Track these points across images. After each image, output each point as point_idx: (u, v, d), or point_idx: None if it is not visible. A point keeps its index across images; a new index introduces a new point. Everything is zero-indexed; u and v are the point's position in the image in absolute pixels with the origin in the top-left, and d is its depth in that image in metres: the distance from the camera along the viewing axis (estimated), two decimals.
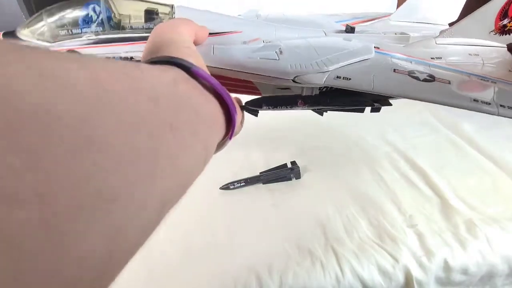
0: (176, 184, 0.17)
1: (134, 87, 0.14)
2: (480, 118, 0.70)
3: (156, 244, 0.44)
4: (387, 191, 0.51)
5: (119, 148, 0.11)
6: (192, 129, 0.17)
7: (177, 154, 0.16)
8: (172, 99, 0.16)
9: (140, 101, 0.14)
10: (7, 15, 0.78)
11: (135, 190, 0.12)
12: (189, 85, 0.19)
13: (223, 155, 0.71)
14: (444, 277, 0.40)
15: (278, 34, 0.39)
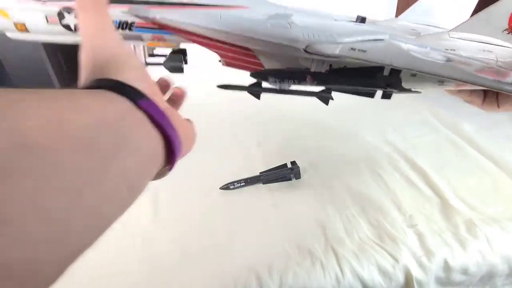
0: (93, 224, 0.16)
1: (66, 135, 0.13)
2: (480, 118, 0.70)
3: (156, 244, 0.44)
4: (387, 191, 0.51)
5: None
6: (122, 174, 0.17)
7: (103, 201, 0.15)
8: (111, 138, 0.16)
9: (71, 150, 0.13)
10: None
11: None
12: (136, 119, 0.19)
13: (223, 155, 0.72)
14: (444, 277, 0.40)
15: None
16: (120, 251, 0.43)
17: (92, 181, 0.15)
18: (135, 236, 0.45)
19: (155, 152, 0.20)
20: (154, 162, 0.20)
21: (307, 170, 0.57)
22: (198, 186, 0.54)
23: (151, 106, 0.20)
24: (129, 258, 0.42)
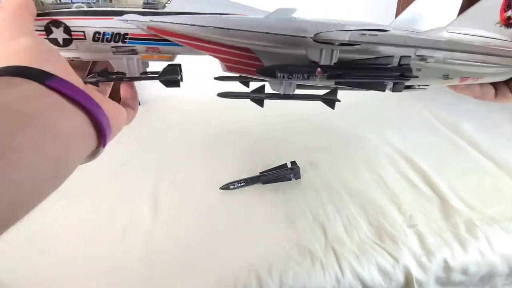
0: (8, 200, 0.16)
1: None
2: (480, 118, 0.70)
3: (156, 244, 0.44)
4: (387, 191, 0.51)
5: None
6: (34, 147, 0.17)
7: (14, 172, 0.16)
8: (10, 120, 0.16)
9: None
10: None
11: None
12: (45, 101, 0.19)
13: (223, 155, 0.71)
14: (444, 277, 0.40)
15: None
16: (120, 251, 0.43)
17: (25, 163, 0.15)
18: (135, 235, 0.45)
19: (79, 129, 0.20)
20: (80, 140, 0.20)
21: (307, 170, 0.57)
22: (198, 186, 0.54)
23: (62, 84, 0.20)
24: (129, 258, 0.42)
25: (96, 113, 0.21)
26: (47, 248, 0.44)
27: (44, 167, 0.17)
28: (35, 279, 0.40)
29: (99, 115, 0.21)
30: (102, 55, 0.30)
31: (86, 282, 0.39)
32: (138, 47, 0.31)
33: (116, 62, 0.31)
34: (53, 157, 0.18)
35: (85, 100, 0.20)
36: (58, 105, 0.19)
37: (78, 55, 0.29)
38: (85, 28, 0.28)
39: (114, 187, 0.56)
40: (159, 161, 0.62)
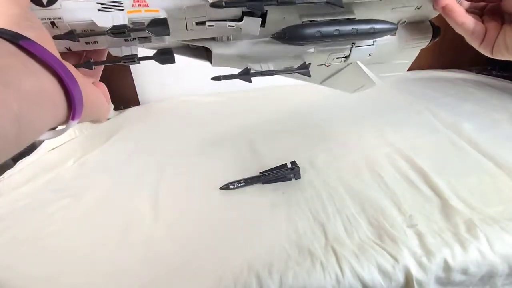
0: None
1: None
2: (480, 118, 0.70)
3: (156, 244, 0.44)
4: (387, 191, 0.51)
5: None
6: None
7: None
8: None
9: None
10: None
11: None
12: (12, 59, 0.18)
13: (223, 155, 0.71)
14: (444, 277, 0.40)
15: None
16: (120, 251, 0.43)
17: None
18: (135, 235, 0.45)
19: (47, 92, 0.20)
20: (47, 102, 0.20)
21: (307, 170, 0.57)
22: (198, 186, 0.54)
23: (35, 47, 0.19)
24: (129, 258, 0.42)
25: (68, 80, 0.20)
26: (46, 248, 0.44)
27: (5, 124, 0.16)
28: (35, 279, 0.40)
29: (71, 84, 0.20)
30: (86, 14, 0.29)
31: (86, 282, 0.39)
32: (124, 1, 0.30)
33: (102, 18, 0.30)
34: (15, 114, 0.17)
35: (57, 66, 0.20)
36: (27, 64, 0.19)
37: (61, 15, 0.28)
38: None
39: (114, 187, 0.56)
40: (159, 161, 0.62)
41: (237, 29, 0.36)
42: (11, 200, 0.53)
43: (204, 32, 0.36)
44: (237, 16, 0.35)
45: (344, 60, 0.44)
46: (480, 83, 0.91)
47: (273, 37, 0.37)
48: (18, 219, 0.49)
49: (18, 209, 0.51)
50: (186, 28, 0.34)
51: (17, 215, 0.50)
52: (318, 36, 0.36)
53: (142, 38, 0.33)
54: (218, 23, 0.34)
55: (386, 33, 0.40)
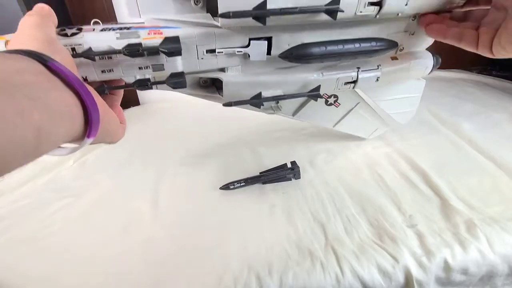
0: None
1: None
2: (480, 118, 0.70)
3: (156, 244, 0.44)
4: (387, 191, 0.51)
5: None
6: (19, 111, 0.17)
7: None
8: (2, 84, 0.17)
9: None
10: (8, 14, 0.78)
11: None
12: (40, 78, 0.20)
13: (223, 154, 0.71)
14: (444, 277, 0.40)
15: None
16: (120, 251, 0.43)
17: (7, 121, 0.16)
18: (135, 236, 0.45)
19: (68, 107, 0.21)
20: (66, 117, 0.21)
21: (307, 170, 0.57)
22: (198, 186, 0.54)
23: (62, 69, 0.21)
24: (129, 258, 0.42)
25: (87, 99, 0.22)
26: (46, 248, 0.44)
27: (25, 134, 0.17)
28: (35, 279, 0.40)
29: (90, 103, 0.22)
30: (105, 42, 0.31)
31: (85, 282, 0.39)
32: (140, 32, 0.32)
33: None
34: (37, 125, 0.18)
35: (78, 86, 0.21)
36: (52, 82, 0.21)
37: (81, 42, 0.30)
38: None
39: (114, 187, 0.56)
40: (159, 161, 0.62)
41: (245, 56, 0.37)
42: (11, 200, 0.53)
43: (214, 61, 0.37)
44: (244, 43, 0.37)
45: (353, 86, 0.44)
46: (480, 83, 0.91)
47: (281, 56, 0.38)
48: (18, 219, 0.49)
49: (18, 209, 0.51)
50: (197, 56, 0.36)
51: (17, 215, 0.50)
52: (323, 52, 0.38)
53: (156, 65, 0.34)
54: (227, 49, 0.36)
55: (388, 49, 0.42)
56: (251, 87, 0.40)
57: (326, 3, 0.33)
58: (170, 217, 0.48)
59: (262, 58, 0.38)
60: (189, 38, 0.34)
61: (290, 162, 0.56)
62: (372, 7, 0.36)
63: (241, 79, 0.40)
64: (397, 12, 0.37)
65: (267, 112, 0.47)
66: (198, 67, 0.37)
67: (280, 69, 0.41)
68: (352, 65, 0.44)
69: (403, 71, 0.46)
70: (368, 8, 0.36)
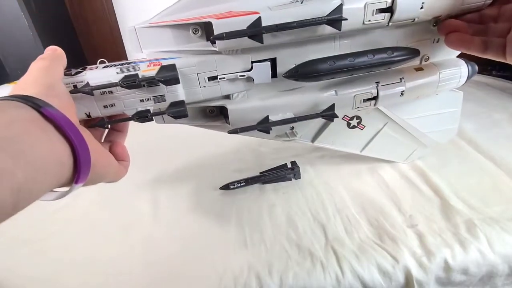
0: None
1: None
2: (480, 118, 0.70)
3: (156, 244, 0.44)
4: (387, 191, 0.51)
5: None
6: None
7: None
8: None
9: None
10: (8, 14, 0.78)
11: None
12: (31, 127, 0.19)
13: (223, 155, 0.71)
14: (444, 277, 0.40)
15: None
16: (120, 251, 0.43)
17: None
18: (135, 236, 0.45)
19: (56, 155, 0.20)
20: (53, 166, 0.20)
21: (307, 170, 0.57)
22: (198, 186, 0.54)
23: (55, 115, 0.21)
24: (129, 258, 0.42)
25: (77, 145, 0.21)
26: (46, 248, 0.44)
27: (5, 195, 0.17)
28: (35, 279, 0.40)
29: (80, 149, 0.22)
30: (106, 78, 0.31)
31: (85, 282, 0.39)
32: (140, 65, 0.32)
33: None
34: (17, 186, 0.17)
35: (69, 131, 0.21)
36: (44, 129, 0.20)
37: (83, 80, 0.30)
38: None
39: (114, 187, 0.56)
40: (159, 161, 0.62)
41: (250, 80, 0.36)
42: None
43: (217, 89, 0.36)
44: (247, 67, 0.35)
45: (375, 104, 0.41)
46: (480, 83, 0.91)
47: (286, 76, 0.36)
48: (18, 220, 0.49)
49: None
50: (199, 84, 0.35)
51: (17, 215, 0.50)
52: (332, 68, 0.35)
53: (157, 97, 0.33)
54: (229, 75, 0.35)
55: (407, 58, 0.38)
56: (259, 112, 0.38)
57: (327, 13, 0.31)
58: (170, 217, 0.48)
59: (267, 81, 0.36)
60: (189, 67, 0.33)
61: (290, 162, 0.56)
62: (382, 15, 0.33)
63: (247, 104, 0.38)
64: (412, 17, 0.34)
65: (282, 140, 0.44)
66: (201, 96, 0.36)
67: (289, 91, 0.39)
68: (370, 80, 0.40)
69: (432, 83, 0.42)
70: (377, 16, 0.33)
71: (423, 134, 0.52)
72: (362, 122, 0.48)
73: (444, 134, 0.54)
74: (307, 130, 0.46)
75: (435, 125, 0.51)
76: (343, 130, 0.48)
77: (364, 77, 0.41)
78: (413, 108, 0.48)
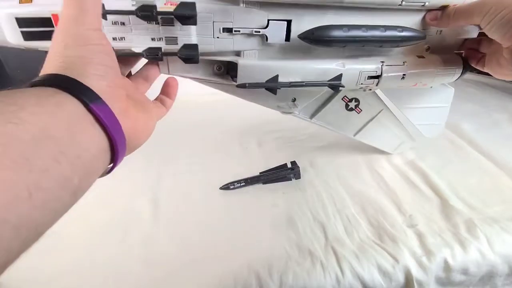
0: (26, 238, 0.17)
1: None
2: (480, 118, 0.70)
3: (156, 244, 0.44)
4: (387, 191, 0.51)
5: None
6: (62, 183, 0.17)
7: (38, 212, 0.16)
8: (49, 150, 0.16)
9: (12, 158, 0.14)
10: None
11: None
12: (82, 126, 0.19)
13: (223, 155, 0.71)
14: (444, 277, 0.40)
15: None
16: (120, 251, 0.43)
17: (27, 195, 0.15)
18: (135, 236, 0.45)
19: (100, 154, 0.21)
20: (99, 163, 0.21)
21: (307, 170, 0.57)
22: (198, 186, 0.54)
23: (103, 110, 0.20)
24: (129, 258, 0.42)
25: (118, 142, 0.22)
26: (46, 248, 0.44)
27: (65, 201, 0.18)
28: (34, 280, 0.40)
29: (119, 142, 0.22)
30: (121, 7, 0.30)
31: (85, 283, 0.39)
32: (157, 2, 0.31)
33: None
34: (74, 190, 0.18)
35: (115, 131, 0.21)
36: (90, 129, 0.20)
37: None
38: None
39: (114, 187, 0.56)
40: (159, 161, 0.62)
41: (263, 39, 0.36)
42: None
43: (230, 42, 0.36)
44: (262, 25, 0.35)
45: (377, 82, 0.42)
46: (480, 83, 0.91)
47: (300, 36, 0.36)
48: None
49: None
50: (213, 34, 0.35)
51: None
52: (346, 35, 0.36)
53: (169, 38, 0.33)
54: (244, 29, 0.35)
55: (415, 39, 0.40)
56: (268, 72, 0.38)
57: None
58: (170, 217, 0.48)
59: (280, 41, 0.36)
60: (206, 13, 0.33)
61: (290, 162, 0.56)
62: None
63: (258, 62, 0.38)
64: (423, 1, 0.36)
65: (282, 111, 0.45)
66: (213, 46, 0.35)
67: (299, 56, 0.39)
68: (376, 59, 0.41)
69: (430, 72, 0.44)
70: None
71: (413, 127, 0.54)
72: (359, 106, 0.50)
73: (432, 128, 0.56)
74: (308, 104, 0.47)
75: (425, 119, 0.54)
76: (341, 111, 0.50)
77: (371, 55, 0.42)
78: (407, 98, 0.51)
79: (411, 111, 0.52)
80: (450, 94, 0.53)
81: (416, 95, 0.51)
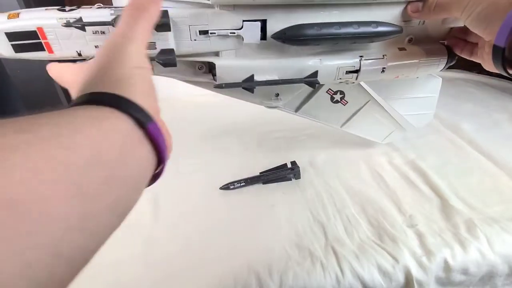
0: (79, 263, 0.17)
1: (54, 182, 0.13)
2: (480, 118, 0.70)
3: (156, 244, 0.44)
4: (387, 191, 0.51)
5: None
6: (119, 213, 0.17)
7: (90, 242, 0.16)
8: (104, 177, 0.16)
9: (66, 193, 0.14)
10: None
11: None
12: (133, 145, 0.19)
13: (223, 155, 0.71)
14: (444, 277, 0.40)
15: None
16: (120, 251, 0.43)
17: (79, 224, 0.14)
18: (135, 236, 0.45)
19: (147, 172, 0.21)
20: (145, 180, 0.21)
21: (307, 170, 0.57)
22: (198, 186, 0.54)
23: (156, 131, 0.20)
24: (129, 258, 0.42)
25: (165, 160, 0.22)
26: None
27: (114, 225, 0.17)
28: None
29: (165, 161, 0.22)
30: (99, 17, 0.32)
31: (85, 283, 0.39)
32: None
33: None
34: (122, 211, 0.18)
35: (164, 149, 0.21)
36: (140, 149, 0.20)
37: (76, 16, 0.31)
38: None
39: None
40: None
41: (239, 39, 0.37)
42: None
43: (207, 44, 0.37)
44: (237, 26, 0.36)
45: (356, 77, 0.42)
46: (480, 83, 0.91)
47: (274, 36, 0.37)
48: None
49: None
50: (190, 37, 0.35)
51: None
52: (318, 34, 0.36)
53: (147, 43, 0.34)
54: (220, 31, 0.36)
55: (391, 34, 0.40)
56: (245, 71, 0.39)
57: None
58: (170, 217, 0.48)
59: (256, 41, 0.37)
60: (181, 18, 0.34)
61: (290, 162, 0.56)
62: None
63: (235, 62, 0.39)
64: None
65: (267, 105, 0.45)
66: (192, 49, 0.36)
67: (276, 54, 0.40)
68: (354, 54, 0.41)
69: (412, 64, 0.43)
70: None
71: (401, 117, 0.54)
72: (345, 98, 0.50)
73: (421, 118, 0.56)
74: (292, 98, 0.47)
75: (413, 109, 0.54)
76: (327, 104, 0.50)
77: (348, 49, 0.42)
78: (393, 89, 0.51)
79: (400, 102, 0.53)
80: (437, 84, 0.53)
81: (404, 86, 0.51)
